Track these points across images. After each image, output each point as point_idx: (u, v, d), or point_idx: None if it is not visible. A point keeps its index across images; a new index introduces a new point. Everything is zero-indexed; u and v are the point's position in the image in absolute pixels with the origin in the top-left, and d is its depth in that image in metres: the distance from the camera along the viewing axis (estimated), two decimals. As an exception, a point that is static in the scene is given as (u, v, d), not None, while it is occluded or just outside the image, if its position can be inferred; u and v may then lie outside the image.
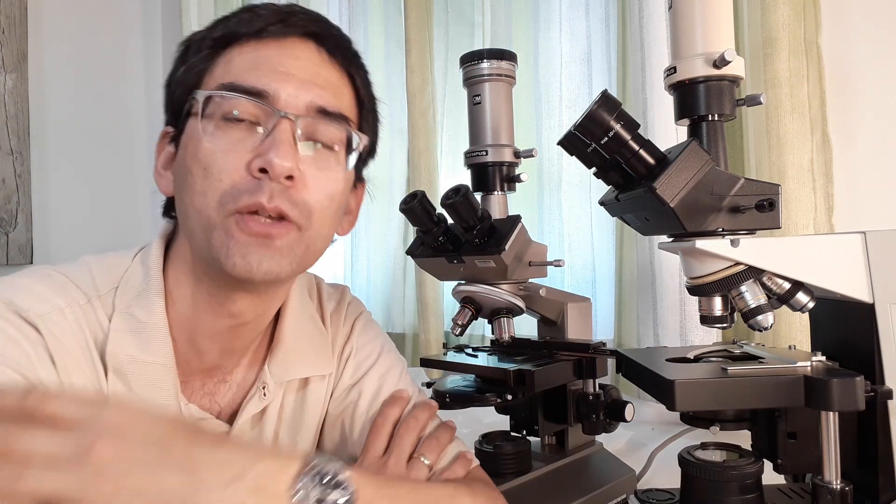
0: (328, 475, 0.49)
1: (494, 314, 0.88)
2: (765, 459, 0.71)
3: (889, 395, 0.61)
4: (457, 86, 1.41)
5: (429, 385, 0.89)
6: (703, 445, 0.75)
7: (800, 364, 0.64)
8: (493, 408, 0.93)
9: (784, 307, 0.67)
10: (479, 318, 0.90)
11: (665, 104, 1.05)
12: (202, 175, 0.56)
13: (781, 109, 0.98)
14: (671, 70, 0.69)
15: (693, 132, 0.69)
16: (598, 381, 0.88)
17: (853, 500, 0.63)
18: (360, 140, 0.62)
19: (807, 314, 0.71)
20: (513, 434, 0.91)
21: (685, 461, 0.71)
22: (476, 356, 0.92)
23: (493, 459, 0.84)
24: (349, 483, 0.49)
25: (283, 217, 0.56)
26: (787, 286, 0.66)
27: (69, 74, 1.69)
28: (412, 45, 1.35)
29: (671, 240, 0.71)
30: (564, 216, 1.32)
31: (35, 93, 1.64)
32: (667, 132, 1.06)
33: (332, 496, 0.48)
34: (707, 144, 0.67)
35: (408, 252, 0.92)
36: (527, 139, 1.32)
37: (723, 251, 0.64)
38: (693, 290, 0.69)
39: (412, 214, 0.83)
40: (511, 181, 0.93)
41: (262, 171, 0.55)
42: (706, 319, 0.69)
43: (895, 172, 1.04)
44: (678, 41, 0.69)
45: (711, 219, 0.65)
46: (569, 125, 0.66)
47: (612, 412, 0.85)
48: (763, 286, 0.66)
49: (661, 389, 0.63)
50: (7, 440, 0.41)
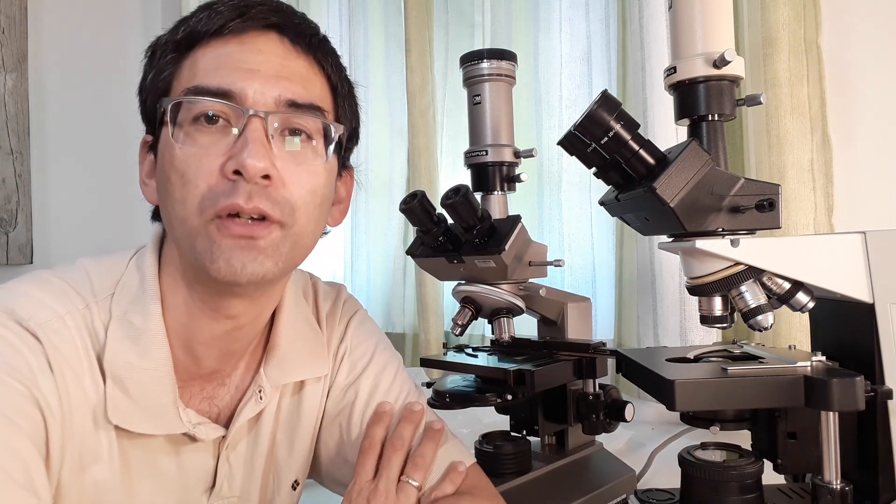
0: None
1: (494, 314, 0.88)
2: (765, 459, 0.71)
3: (889, 395, 0.61)
4: (457, 86, 1.41)
5: (429, 385, 0.89)
6: (703, 445, 0.75)
7: (800, 364, 0.64)
8: (493, 408, 0.93)
9: (784, 307, 0.67)
10: (479, 318, 0.90)
11: (665, 104, 1.05)
12: (180, 183, 0.55)
13: (781, 109, 0.98)
14: (671, 70, 0.69)
15: (693, 132, 0.69)
16: (598, 381, 0.88)
17: (853, 500, 0.63)
18: (336, 129, 0.61)
19: (807, 314, 0.71)
20: (513, 434, 0.91)
21: (685, 461, 0.71)
22: (476, 356, 0.92)
23: (493, 459, 0.84)
24: None
25: (265, 217, 0.55)
26: (787, 286, 0.66)
27: (69, 74, 1.69)
28: (412, 45, 1.35)
29: (671, 240, 0.71)
30: (564, 216, 1.32)
31: (35, 93, 1.64)
32: (667, 132, 1.06)
33: None
34: (707, 144, 0.67)
35: (408, 252, 0.92)
36: (527, 139, 1.32)
37: (723, 251, 0.64)
38: (693, 290, 0.69)
39: (412, 214, 0.83)
40: (511, 181, 0.93)
41: (237, 173, 0.54)
42: (706, 319, 0.69)
43: (895, 172, 1.04)
44: (678, 41, 0.69)
45: (711, 219, 0.65)
46: (569, 125, 0.66)
47: (612, 412, 0.85)
48: (763, 286, 0.66)
49: (661, 389, 0.63)
50: None
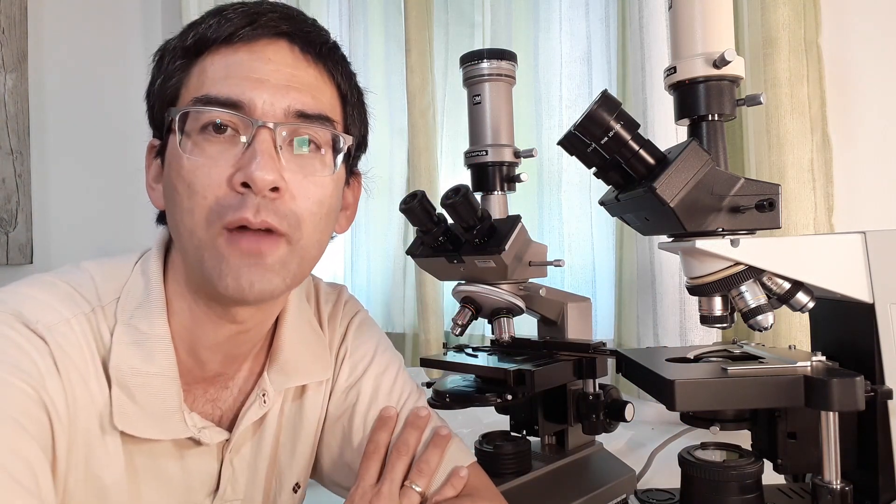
0: None
1: (494, 314, 0.88)
2: (765, 459, 0.71)
3: (889, 395, 0.61)
4: (457, 86, 1.41)
5: (429, 385, 0.89)
6: (703, 445, 0.75)
7: (800, 364, 0.64)
8: (493, 408, 0.93)
9: (784, 307, 0.67)
10: (479, 318, 0.90)
11: (665, 104, 1.05)
12: (187, 193, 0.55)
13: (781, 109, 0.98)
14: (671, 70, 0.69)
15: (693, 132, 0.69)
16: (598, 381, 0.88)
17: (853, 500, 0.63)
18: (346, 140, 0.61)
19: (807, 314, 0.71)
20: (513, 434, 0.91)
21: (685, 461, 0.71)
22: (476, 356, 0.92)
23: (493, 459, 0.84)
24: None
25: (272, 230, 0.55)
26: (787, 286, 0.66)
27: (69, 74, 1.69)
28: (412, 45, 1.35)
29: (671, 240, 0.71)
30: (564, 216, 1.32)
31: (35, 93, 1.64)
32: (667, 132, 1.06)
33: None
34: (707, 144, 0.67)
35: (408, 252, 0.92)
36: (527, 139, 1.32)
37: (723, 251, 0.64)
38: (693, 290, 0.69)
39: (412, 214, 0.83)
40: (511, 181, 0.93)
41: (245, 186, 0.53)
42: (706, 319, 0.69)
43: (895, 172, 1.04)
44: (678, 41, 0.69)
45: (711, 219, 0.65)
46: (569, 125, 0.66)
47: (612, 412, 0.85)
48: (763, 286, 0.66)
49: (661, 389, 0.63)
50: None
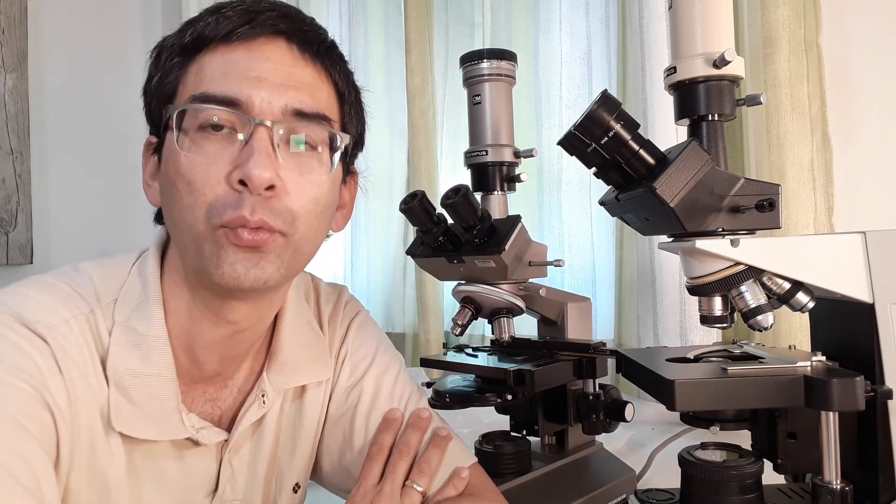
0: None
1: (494, 314, 0.88)
2: (765, 459, 0.71)
3: (889, 395, 0.61)
4: (457, 86, 1.41)
5: (429, 385, 0.89)
6: (703, 445, 0.75)
7: (800, 364, 0.64)
8: (493, 408, 0.93)
9: (784, 307, 0.67)
10: (479, 318, 0.90)
11: (665, 104, 1.05)
12: (187, 190, 0.55)
13: (781, 109, 0.98)
14: (671, 70, 0.68)
15: (693, 132, 0.69)
16: (598, 381, 0.88)
17: (853, 500, 0.63)
18: (343, 139, 0.61)
19: (807, 314, 0.71)
20: (513, 434, 0.91)
21: (685, 461, 0.71)
22: (476, 356, 0.92)
23: (493, 459, 0.84)
24: None
25: (267, 228, 0.56)
26: (787, 286, 0.66)
27: (69, 74, 1.69)
28: (412, 45, 1.35)
29: (671, 240, 0.71)
30: (564, 216, 1.32)
31: (35, 93, 1.63)
32: (667, 132, 1.06)
33: None
34: (707, 144, 0.67)
35: (408, 252, 0.92)
36: (527, 139, 1.32)
37: (723, 251, 0.64)
38: (693, 290, 0.69)
39: (412, 214, 0.83)
40: (511, 181, 0.93)
41: (242, 184, 0.54)
42: (706, 319, 0.69)
43: (895, 172, 1.04)
44: (678, 41, 0.69)
45: (711, 219, 0.65)
46: (569, 125, 0.66)
47: (612, 412, 0.85)
48: (763, 286, 0.66)
49: (661, 389, 0.63)
50: None
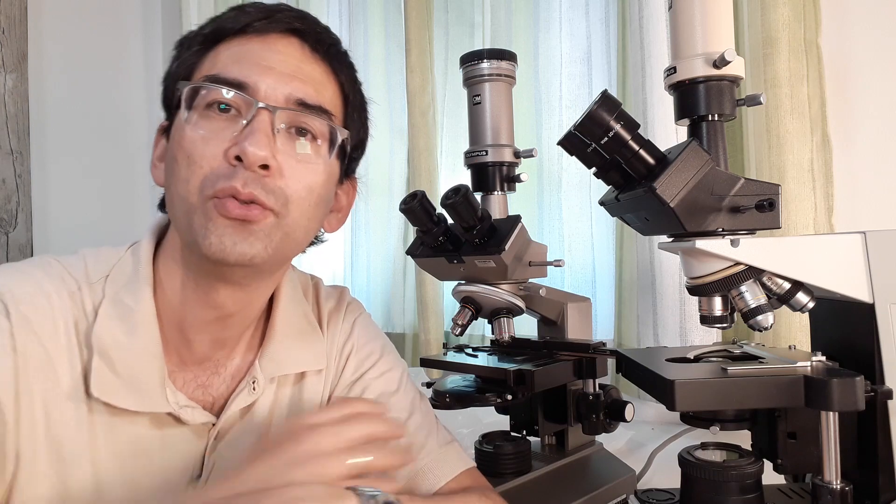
0: None
1: (494, 314, 0.88)
2: (765, 459, 0.71)
3: (889, 395, 0.61)
4: (457, 86, 1.41)
5: (429, 385, 0.89)
6: (703, 445, 0.75)
7: (800, 364, 0.64)
8: (493, 408, 0.93)
9: (784, 307, 0.67)
10: (479, 318, 0.90)
11: (665, 104, 1.06)
12: (185, 163, 0.58)
13: (781, 109, 0.98)
14: (671, 70, 0.68)
15: (693, 132, 0.69)
16: (598, 381, 0.88)
17: (853, 500, 0.63)
18: (342, 134, 0.63)
19: (807, 314, 0.71)
20: (513, 434, 0.91)
21: (685, 461, 0.71)
22: (476, 356, 0.92)
23: (493, 459, 0.84)
24: None
25: (258, 203, 0.57)
26: (787, 286, 0.66)
27: (69, 74, 1.69)
28: (412, 45, 1.35)
29: (671, 240, 0.71)
30: (564, 216, 1.32)
31: (35, 93, 1.64)
32: (667, 132, 1.06)
33: None
34: (707, 144, 0.67)
35: (408, 252, 0.92)
36: (527, 139, 1.32)
37: (723, 251, 0.64)
38: (693, 290, 0.69)
39: (412, 214, 0.83)
40: (511, 181, 0.94)
41: (238, 159, 0.56)
42: (706, 319, 0.69)
43: (895, 172, 1.04)
44: (678, 41, 0.69)
45: (711, 219, 0.65)
46: (569, 125, 0.66)
47: (612, 412, 0.85)
48: (763, 286, 0.66)
49: (661, 389, 0.63)
50: None
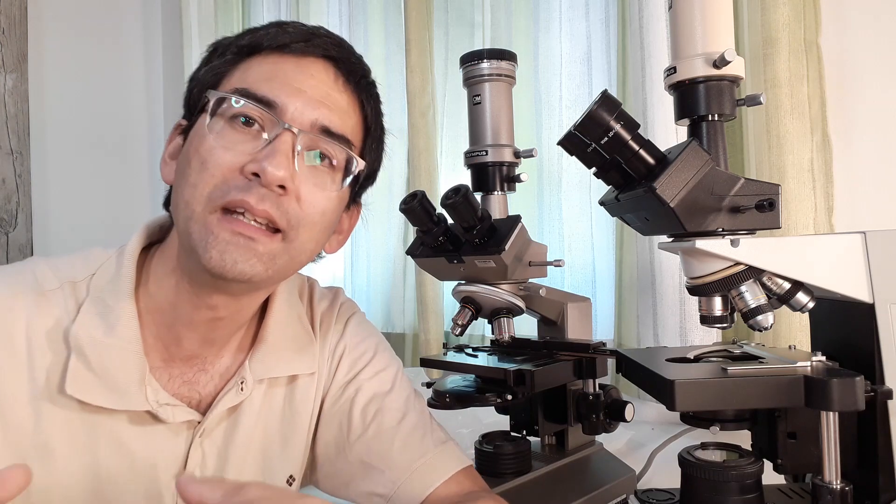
0: None
1: (494, 314, 0.88)
2: (765, 459, 0.71)
3: (889, 395, 0.61)
4: (457, 86, 1.41)
5: (429, 385, 0.89)
6: (703, 445, 0.75)
7: (800, 364, 0.64)
8: (493, 408, 0.93)
9: (784, 307, 0.67)
10: (479, 318, 0.90)
11: (665, 104, 1.05)
12: (198, 168, 0.58)
13: (781, 109, 0.98)
14: (671, 70, 0.68)
15: (693, 132, 0.69)
16: (598, 381, 0.88)
17: (853, 500, 0.63)
18: (358, 164, 0.64)
19: (807, 314, 0.71)
20: (513, 434, 0.91)
21: (685, 461, 0.71)
22: (476, 356, 0.92)
23: (493, 459, 0.84)
24: None
25: (270, 222, 0.57)
26: (787, 286, 0.66)
27: (69, 74, 1.69)
28: (412, 45, 1.35)
29: (671, 240, 0.71)
30: (564, 216, 1.32)
31: (35, 93, 1.64)
32: (667, 132, 1.06)
33: None
34: (707, 144, 0.67)
35: (408, 252, 0.92)
36: (527, 139, 1.32)
37: (723, 251, 0.64)
38: (693, 290, 0.69)
39: (412, 214, 0.83)
40: (511, 181, 0.94)
41: (255, 176, 0.56)
42: (706, 319, 0.69)
43: (895, 172, 1.04)
44: (678, 41, 0.68)
45: (711, 219, 0.65)
46: (569, 125, 0.66)
47: (612, 412, 0.85)
48: (763, 286, 0.66)
49: (661, 389, 0.63)
50: None
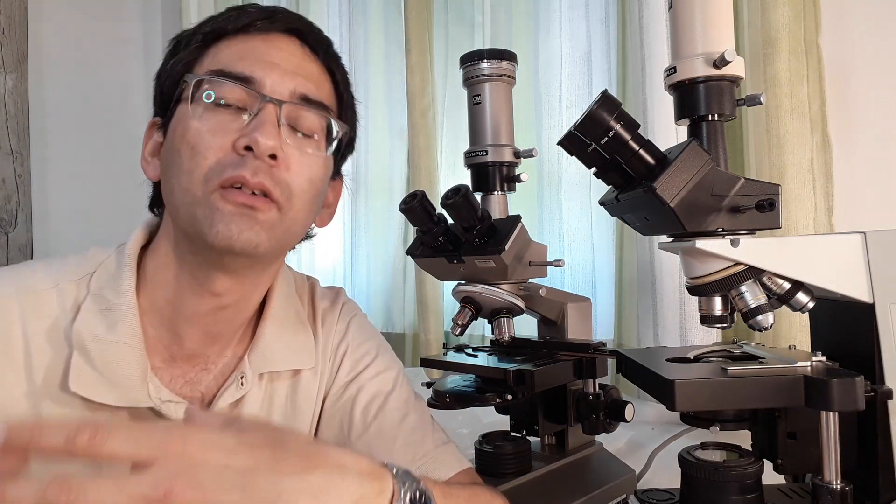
0: (417, 495, 0.47)
1: (494, 314, 0.88)
2: (765, 459, 0.71)
3: (889, 395, 0.61)
4: (457, 86, 1.41)
5: (429, 385, 0.89)
6: (703, 445, 0.75)
7: (800, 364, 0.64)
8: (493, 408, 0.93)
9: (784, 307, 0.67)
10: (479, 318, 0.90)
11: (665, 104, 1.05)
12: (189, 154, 0.59)
13: (781, 109, 0.98)
14: (671, 70, 0.68)
15: (693, 132, 0.69)
16: (598, 381, 0.88)
17: (853, 500, 0.63)
18: (340, 129, 0.66)
19: (807, 314, 0.71)
20: (513, 434, 0.91)
21: (685, 461, 0.71)
22: (476, 356, 0.92)
23: (493, 459, 0.84)
24: (432, 500, 0.48)
25: (266, 193, 0.59)
26: (787, 286, 0.66)
27: (69, 74, 1.69)
28: (412, 46, 1.35)
29: (671, 240, 0.71)
30: (564, 216, 1.32)
31: (35, 93, 1.63)
32: (667, 132, 1.06)
33: None
34: (707, 144, 0.67)
35: (408, 252, 0.92)
36: (527, 139, 1.32)
37: (723, 251, 0.64)
38: (693, 290, 0.69)
39: (412, 214, 0.83)
40: (511, 181, 0.93)
41: (247, 149, 0.58)
42: (706, 319, 0.69)
43: (895, 172, 1.04)
44: (678, 41, 0.68)
45: (711, 219, 0.65)
46: (569, 125, 0.66)
47: (612, 412, 0.85)
48: (763, 286, 0.66)
49: (661, 389, 0.63)
50: (67, 491, 0.35)
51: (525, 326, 0.98)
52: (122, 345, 0.61)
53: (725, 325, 0.69)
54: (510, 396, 0.80)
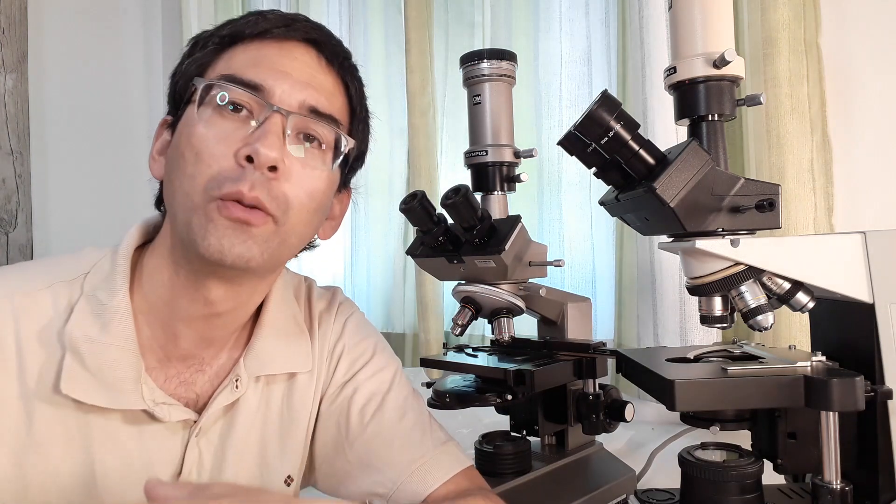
0: None
1: (494, 314, 0.88)
2: (765, 459, 0.71)
3: (889, 395, 0.61)
4: (457, 86, 1.41)
5: (429, 385, 0.89)
6: (703, 445, 0.75)
7: (800, 364, 0.64)
8: (493, 408, 0.93)
9: (784, 307, 0.67)
10: (479, 318, 0.90)
11: (665, 104, 1.05)
12: (193, 159, 0.58)
13: (781, 109, 0.98)
14: (671, 70, 0.68)
15: (693, 132, 0.69)
16: (598, 381, 0.88)
17: (853, 500, 0.63)
18: (348, 143, 0.64)
19: (807, 314, 0.71)
20: (513, 434, 0.91)
21: (685, 461, 0.71)
22: (476, 356, 0.92)
23: (493, 459, 0.84)
24: None
25: (260, 208, 0.58)
26: (787, 286, 0.66)
27: (69, 74, 1.69)
28: (412, 46, 1.35)
29: (671, 240, 0.71)
30: (564, 216, 1.32)
31: (35, 93, 1.64)
32: (667, 132, 1.06)
33: None
34: (707, 144, 0.67)
35: (408, 252, 0.92)
36: (527, 139, 1.32)
37: (723, 251, 0.64)
38: (693, 290, 0.69)
39: (412, 214, 0.83)
40: (511, 181, 0.93)
41: (248, 160, 0.57)
42: (706, 319, 0.69)
43: (895, 172, 1.04)
44: (678, 41, 0.69)
45: (711, 219, 0.65)
46: (569, 125, 0.66)
47: (612, 412, 0.85)
48: (763, 286, 0.66)
49: (661, 389, 0.63)
50: None
51: (525, 326, 0.98)
52: (115, 347, 0.61)
53: (725, 325, 0.69)
54: (510, 396, 0.80)
